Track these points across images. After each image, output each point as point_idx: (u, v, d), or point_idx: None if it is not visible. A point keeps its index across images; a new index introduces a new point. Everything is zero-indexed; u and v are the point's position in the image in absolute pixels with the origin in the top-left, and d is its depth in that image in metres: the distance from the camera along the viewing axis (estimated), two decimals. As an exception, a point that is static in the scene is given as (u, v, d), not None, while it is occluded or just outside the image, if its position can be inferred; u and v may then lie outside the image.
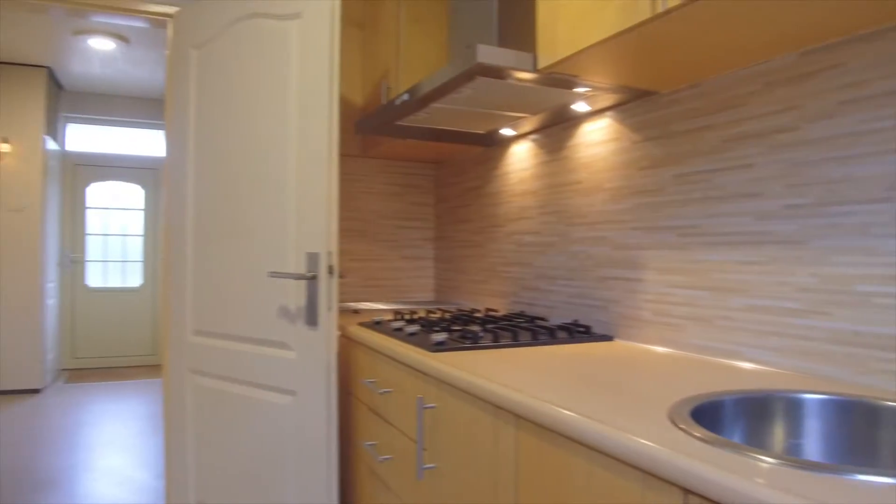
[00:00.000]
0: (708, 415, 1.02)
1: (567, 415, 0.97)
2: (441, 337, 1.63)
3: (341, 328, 2.18)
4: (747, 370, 1.35)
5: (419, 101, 1.96)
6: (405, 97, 2.01)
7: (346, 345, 2.19)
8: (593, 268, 1.97)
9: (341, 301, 2.94)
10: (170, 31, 2.72)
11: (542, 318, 2.14)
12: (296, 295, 2.07)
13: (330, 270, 1.99)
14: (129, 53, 5.21)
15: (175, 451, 2.55)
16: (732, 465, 0.73)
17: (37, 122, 5.57)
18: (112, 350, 6.64)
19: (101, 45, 4.93)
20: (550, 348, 1.64)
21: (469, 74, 1.65)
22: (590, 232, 2.00)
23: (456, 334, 1.76)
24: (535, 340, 1.71)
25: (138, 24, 2.84)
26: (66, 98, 6.40)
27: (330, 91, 2.00)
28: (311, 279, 2.01)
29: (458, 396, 1.33)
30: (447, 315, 2.28)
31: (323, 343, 2.00)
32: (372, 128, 2.42)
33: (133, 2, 2.70)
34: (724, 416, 1.05)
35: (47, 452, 3.87)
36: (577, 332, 1.85)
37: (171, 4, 2.72)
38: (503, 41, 1.95)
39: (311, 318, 2.02)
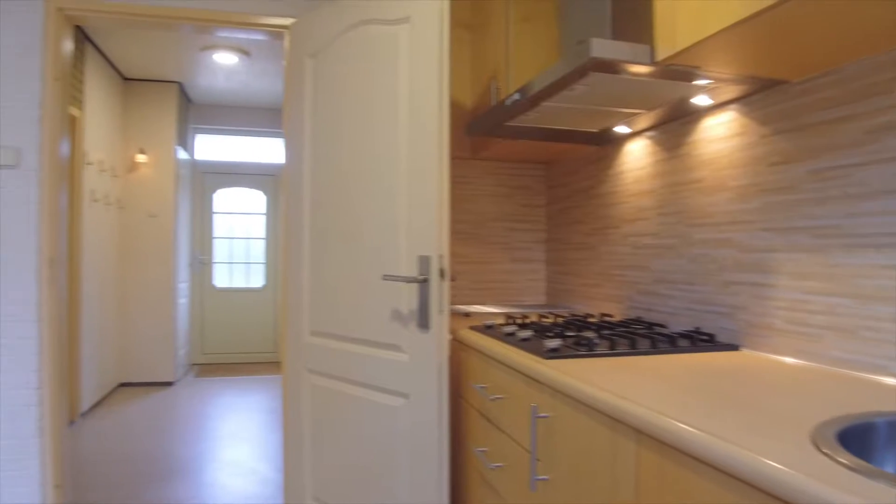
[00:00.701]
0: (856, 439, 0.92)
1: (693, 433, 0.90)
2: (555, 343, 1.58)
3: (452, 331, 2.17)
4: (900, 387, 1.21)
5: (530, 100, 1.92)
6: (515, 97, 1.97)
7: (458, 348, 2.18)
8: (717, 272, 1.85)
9: (452, 304, 2.94)
10: (286, 42, 2.82)
11: (660, 325, 2.03)
12: (408, 298, 2.08)
13: (441, 274, 1.99)
14: (250, 66, 5.48)
15: (293, 446, 2.64)
16: (886, 498, 0.64)
17: (169, 134, 5.99)
18: (237, 347, 7.02)
19: (225, 59, 5.22)
20: (671, 357, 1.55)
21: (582, 70, 1.59)
22: (713, 233, 1.88)
23: (570, 340, 1.71)
24: (654, 349, 1.62)
25: (258, 37, 2.96)
26: (194, 110, 6.84)
27: (440, 94, 2.00)
28: (423, 282, 2.02)
29: (574, 407, 1.28)
30: (560, 320, 2.22)
31: (434, 346, 1.99)
32: (482, 129, 2.40)
33: (252, 16, 2.82)
34: (876, 442, 0.94)
35: (177, 442, 4.14)
36: (700, 340, 1.74)
37: (287, 16, 2.82)
38: (617, 35, 1.87)
39: (423, 321, 2.02)
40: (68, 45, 2.79)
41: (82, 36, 4.67)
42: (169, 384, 5.89)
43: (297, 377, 2.60)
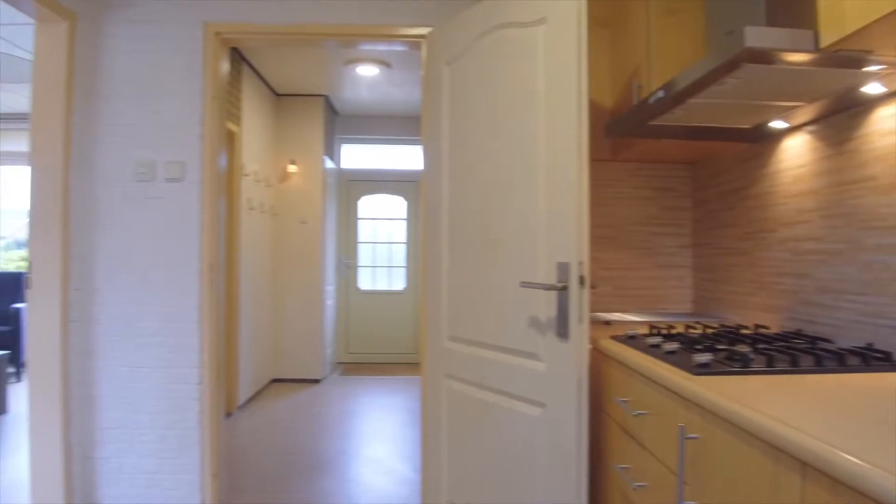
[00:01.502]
0: None
1: (875, 472, 0.78)
2: (705, 358, 1.47)
3: (593, 341, 2.09)
4: None
5: (675, 97, 1.80)
6: (659, 95, 1.87)
7: (598, 359, 2.10)
8: (893, 281, 1.65)
9: (592, 311, 2.84)
10: (424, 51, 2.87)
11: (825, 340, 1.84)
12: (546, 305, 2.03)
13: (581, 281, 1.92)
14: (391, 77, 5.65)
15: (430, 449, 2.66)
16: None
17: (317, 145, 6.31)
18: (379, 347, 7.26)
19: (367, 71, 5.42)
20: (839, 377, 1.39)
21: (734, 62, 1.47)
22: (888, 238, 1.67)
23: (721, 354, 1.58)
24: (819, 367, 1.46)
25: (398, 48, 3.04)
26: (339, 122, 7.16)
27: (578, 94, 1.94)
28: (562, 290, 1.96)
29: (728, 430, 1.18)
30: (709, 331, 2.08)
31: (574, 356, 1.93)
32: (623, 130, 2.30)
33: (392, 28, 2.89)
34: None
35: (323, 436, 4.33)
36: (874, 358, 1.55)
37: (425, 26, 2.86)
38: (772, 22, 1.72)
39: (562, 329, 1.97)
40: (225, 66, 3.00)
41: (239, 57, 5.03)
42: (316, 381, 6.19)
43: (436, 381, 2.62)
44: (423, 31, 2.86)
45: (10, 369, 5.59)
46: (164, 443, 2.83)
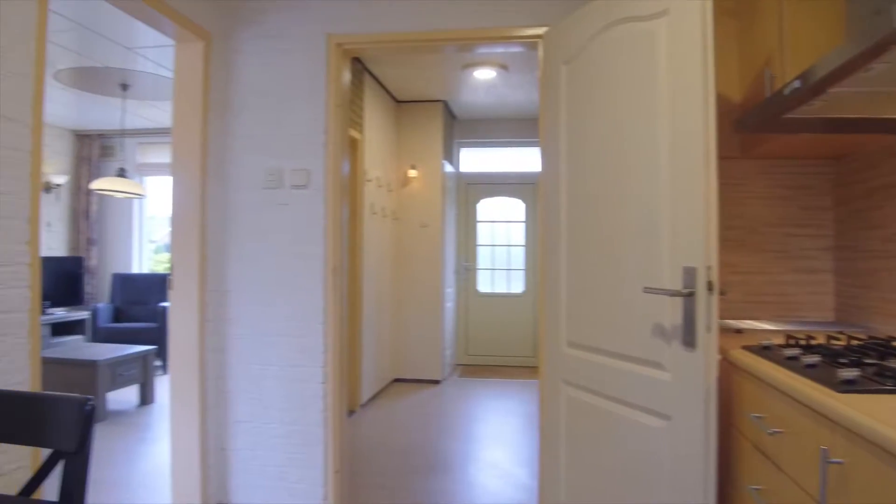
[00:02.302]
0: None
1: None
2: (851, 373, 1.33)
3: (722, 351, 1.96)
4: None
5: (813, 87, 1.66)
6: (795, 85, 1.73)
7: (728, 370, 1.97)
8: None
9: (721, 319, 2.68)
10: (540, 51, 2.82)
11: None
12: (671, 312, 1.93)
13: (709, 287, 1.81)
14: (507, 79, 5.63)
15: (548, 456, 2.61)
16: None
17: (436, 150, 6.41)
18: (498, 350, 7.26)
19: (484, 75, 5.43)
20: None
21: (882, 45, 1.33)
22: None
23: (870, 370, 1.43)
24: None
25: (514, 49, 3.02)
26: (458, 126, 7.23)
27: (705, 89, 1.83)
28: (688, 296, 1.86)
29: (879, 456, 1.06)
30: (855, 343, 1.89)
31: (701, 367, 1.82)
32: (754, 125, 2.15)
33: (508, 29, 2.87)
34: None
35: (442, 437, 4.37)
36: None
37: (541, 25, 2.82)
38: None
39: (688, 338, 1.86)
40: (347, 76, 3.10)
41: (361, 66, 5.19)
42: (436, 382, 6.28)
43: (553, 387, 2.57)
44: (540, 30, 2.82)
45: (157, 362, 6.06)
46: (291, 438, 2.97)
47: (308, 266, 2.97)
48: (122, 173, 6.09)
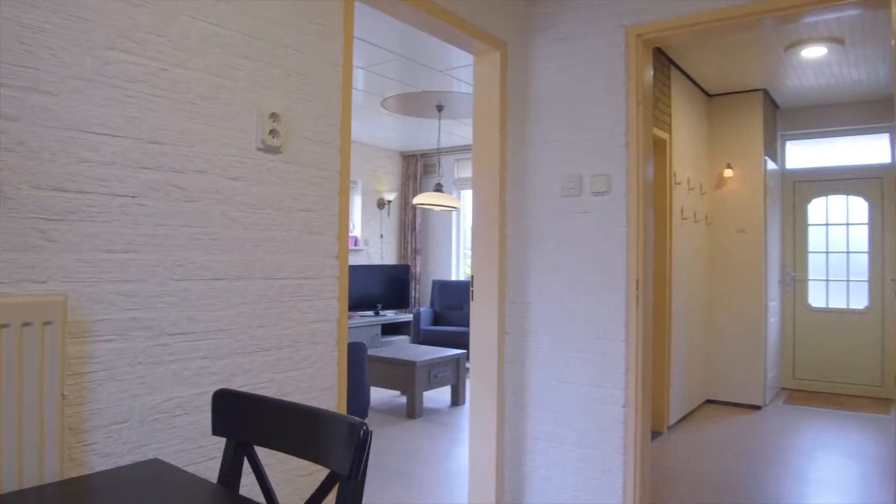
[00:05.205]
0: None
1: None
2: None
3: None
4: None
5: None
6: None
7: None
8: None
9: None
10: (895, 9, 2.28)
11: None
12: None
13: None
14: (843, 56, 4.78)
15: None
16: None
17: (756, 145, 5.73)
18: (833, 375, 6.23)
19: (813, 53, 4.68)
20: None
21: None
22: None
23: None
24: None
25: (851, 12, 2.49)
26: (781, 117, 6.40)
27: None
28: None
29: None
30: None
31: None
32: None
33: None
34: None
35: (760, 474, 3.83)
36: None
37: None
38: None
39: None
40: (649, 69, 2.88)
41: (666, 60, 4.86)
42: (756, 408, 5.59)
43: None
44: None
45: (468, 366, 6.41)
46: (588, 461, 2.82)
47: (609, 279, 2.80)
48: (438, 188, 6.58)
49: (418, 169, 8.60)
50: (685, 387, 5.19)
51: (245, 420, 1.37)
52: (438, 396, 5.78)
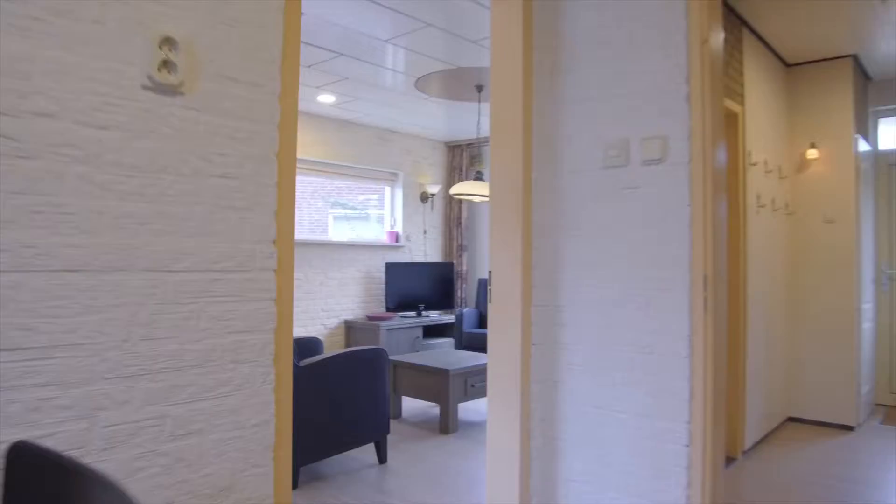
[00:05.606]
0: None
1: None
2: None
3: None
4: None
5: None
6: None
7: None
8: None
9: None
10: None
11: None
12: None
13: None
14: (965, 6, 3.96)
15: None
16: None
17: (845, 123, 4.90)
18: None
19: (925, 3, 3.88)
20: None
21: None
22: None
23: None
24: None
25: None
26: (874, 89, 5.52)
27: None
28: None
29: None
30: None
31: None
32: None
33: None
34: None
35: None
36: None
37: None
38: None
39: None
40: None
41: (738, 21, 4.13)
42: (848, 428, 4.76)
43: None
44: None
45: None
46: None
47: (666, 273, 2.14)
48: (479, 177, 6.01)
49: (464, 160, 8.02)
50: (764, 404, 4.43)
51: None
52: (478, 407, 5.18)
